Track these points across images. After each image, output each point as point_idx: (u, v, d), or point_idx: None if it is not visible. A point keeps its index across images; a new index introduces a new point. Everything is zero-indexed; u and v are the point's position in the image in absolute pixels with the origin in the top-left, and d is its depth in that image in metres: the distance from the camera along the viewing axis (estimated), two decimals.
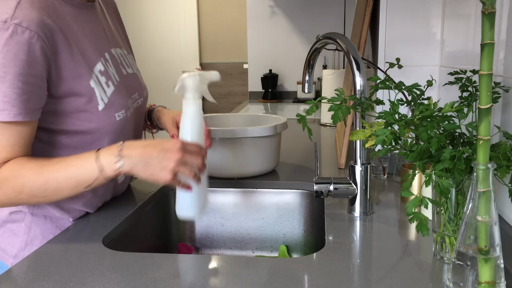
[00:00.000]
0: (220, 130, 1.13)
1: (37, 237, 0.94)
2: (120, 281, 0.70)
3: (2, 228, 0.96)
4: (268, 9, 3.24)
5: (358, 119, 0.93)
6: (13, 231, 0.95)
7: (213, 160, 1.16)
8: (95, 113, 0.88)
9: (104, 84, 0.91)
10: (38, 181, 0.79)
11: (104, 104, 0.89)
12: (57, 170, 0.80)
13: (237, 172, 1.20)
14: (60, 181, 0.79)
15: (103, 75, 0.91)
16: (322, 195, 0.95)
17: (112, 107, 0.91)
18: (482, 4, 0.54)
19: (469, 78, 0.85)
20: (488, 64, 0.55)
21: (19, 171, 0.79)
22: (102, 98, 0.89)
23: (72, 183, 0.80)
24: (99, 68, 0.91)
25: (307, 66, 1.08)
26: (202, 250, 1.22)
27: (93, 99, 0.88)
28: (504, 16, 0.87)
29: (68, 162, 0.81)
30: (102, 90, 0.90)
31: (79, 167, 0.80)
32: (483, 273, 0.58)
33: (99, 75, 0.90)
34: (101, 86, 0.90)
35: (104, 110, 0.89)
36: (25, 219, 0.94)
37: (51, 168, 0.79)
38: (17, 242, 0.95)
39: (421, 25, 1.28)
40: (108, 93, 0.91)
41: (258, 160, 1.20)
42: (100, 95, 0.89)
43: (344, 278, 0.70)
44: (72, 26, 0.88)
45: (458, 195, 0.70)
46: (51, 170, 0.79)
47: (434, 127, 0.69)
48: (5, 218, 0.95)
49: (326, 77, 1.98)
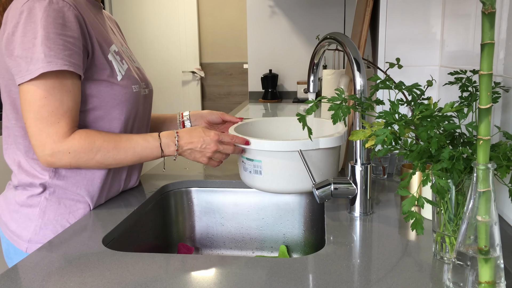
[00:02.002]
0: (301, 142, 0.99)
1: (51, 222, 0.98)
2: (120, 281, 0.70)
3: (18, 213, 1.00)
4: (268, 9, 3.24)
5: (358, 119, 0.93)
6: (28, 215, 0.99)
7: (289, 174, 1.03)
8: (116, 83, 0.99)
9: (119, 61, 1.02)
10: (110, 152, 0.95)
11: (121, 75, 1.00)
12: (127, 147, 0.96)
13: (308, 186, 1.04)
14: (128, 155, 0.97)
15: (117, 54, 1.02)
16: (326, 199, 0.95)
17: (128, 79, 1.02)
18: (482, 4, 0.54)
19: (469, 78, 0.85)
20: (488, 64, 0.55)
21: (94, 141, 0.93)
22: (120, 71, 1.00)
23: (136, 158, 0.98)
24: (114, 48, 1.02)
25: (312, 65, 1.08)
26: (202, 250, 1.22)
27: (113, 71, 0.99)
28: (504, 16, 0.87)
29: (136, 141, 0.98)
30: (119, 64, 1.01)
31: (146, 148, 0.98)
32: (483, 273, 0.58)
33: (114, 54, 1.01)
34: (117, 61, 1.01)
35: (122, 80, 1.00)
36: (40, 204, 0.98)
37: (121, 143, 0.96)
38: (31, 227, 0.98)
39: (421, 25, 1.28)
40: (124, 68, 1.02)
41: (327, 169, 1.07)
42: (118, 68, 1.00)
43: (344, 278, 0.70)
44: (89, 13, 1.00)
45: (458, 195, 0.70)
46: (121, 145, 0.96)
47: (434, 127, 0.69)
48: (21, 203, 0.99)
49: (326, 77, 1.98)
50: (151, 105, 1.18)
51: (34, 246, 0.97)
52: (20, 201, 0.99)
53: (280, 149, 0.99)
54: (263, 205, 1.18)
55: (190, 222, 1.22)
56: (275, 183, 1.04)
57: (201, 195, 1.21)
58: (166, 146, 1.00)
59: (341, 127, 1.11)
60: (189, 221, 1.22)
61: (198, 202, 1.21)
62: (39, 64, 0.85)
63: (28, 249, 0.98)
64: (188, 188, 1.22)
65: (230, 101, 4.34)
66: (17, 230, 0.99)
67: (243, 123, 1.21)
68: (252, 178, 1.06)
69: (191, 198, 1.21)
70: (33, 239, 0.98)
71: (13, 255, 1.01)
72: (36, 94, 0.87)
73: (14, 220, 1.00)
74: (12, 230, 1.00)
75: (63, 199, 0.99)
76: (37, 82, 0.87)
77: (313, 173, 1.00)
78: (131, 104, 1.02)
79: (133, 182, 1.15)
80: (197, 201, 1.21)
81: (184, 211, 1.22)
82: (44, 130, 0.89)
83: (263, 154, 1.02)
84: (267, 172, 1.03)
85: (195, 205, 1.21)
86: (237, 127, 1.16)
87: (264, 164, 1.02)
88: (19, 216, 0.99)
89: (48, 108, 0.88)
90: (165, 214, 1.19)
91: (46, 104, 0.88)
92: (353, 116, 0.94)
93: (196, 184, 1.21)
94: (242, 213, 1.19)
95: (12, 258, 1.01)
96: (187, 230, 1.22)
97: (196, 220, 1.22)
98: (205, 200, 1.21)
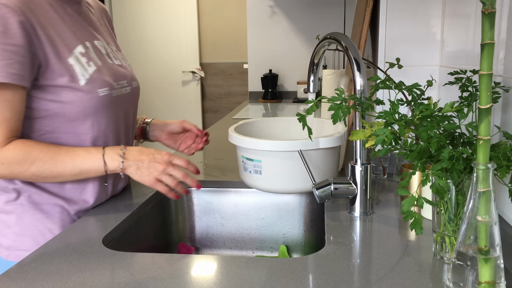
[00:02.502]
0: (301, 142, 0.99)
1: (28, 228, 0.96)
2: (120, 281, 0.70)
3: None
4: (268, 9, 3.24)
5: (358, 119, 0.93)
6: (6, 222, 0.97)
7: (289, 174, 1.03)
8: (78, 88, 0.93)
9: (85, 64, 0.96)
10: (46, 163, 0.89)
11: (85, 80, 0.94)
12: (65, 158, 0.90)
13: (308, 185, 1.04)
14: (66, 167, 0.90)
15: (83, 56, 0.96)
16: (326, 199, 0.95)
17: (94, 83, 0.96)
18: (482, 4, 0.54)
19: (469, 78, 0.85)
20: (488, 64, 0.55)
21: (29, 152, 0.88)
22: (83, 75, 0.94)
23: (76, 170, 0.91)
24: (79, 50, 0.96)
25: (312, 65, 1.08)
26: (202, 250, 1.22)
27: (74, 76, 0.93)
28: (504, 16, 0.87)
29: (77, 152, 0.92)
30: (83, 68, 0.95)
31: (86, 159, 0.92)
32: (483, 273, 0.58)
33: (79, 56, 0.96)
34: (81, 64, 0.95)
35: (86, 85, 0.94)
36: (16, 210, 0.96)
37: (59, 154, 0.90)
38: (9, 234, 0.97)
39: (421, 25, 1.28)
40: (89, 71, 0.96)
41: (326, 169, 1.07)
42: (80, 71, 0.94)
43: (344, 278, 0.70)
44: (51, 13, 0.94)
45: (458, 195, 0.70)
46: (59, 156, 0.90)
47: (434, 127, 0.69)
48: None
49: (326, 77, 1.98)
50: (136, 105, 1.14)
51: (14, 253, 0.96)
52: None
53: (280, 149, 0.99)
54: (263, 205, 1.18)
55: (190, 222, 1.22)
56: (275, 183, 1.04)
57: (201, 195, 1.21)
58: (110, 159, 0.93)
59: (341, 127, 1.11)
60: (189, 221, 1.22)
61: (198, 202, 1.21)
62: None
63: (8, 256, 0.96)
64: (188, 188, 1.22)
65: (230, 101, 4.34)
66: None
67: (243, 123, 1.21)
68: (252, 178, 1.06)
69: (191, 198, 1.21)
70: (12, 246, 0.96)
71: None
72: None
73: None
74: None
75: (39, 204, 0.97)
76: None
77: (313, 173, 1.00)
78: (100, 109, 0.96)
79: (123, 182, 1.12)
80: (197, 201, 1.21)
81: (184, 211, 1.22)
82: None
83: (263, 154, 1.02)
84: (267, 172, 1.03)
85: (195, 205, 1.21)
86: (237, 127, 1.16)
87: (264, 164, 1.02)
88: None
89: None
90: (165, 214, 1.19)
91: None
92: (353, 116, 0.94)
93: None
94: (242, 213, 1.19)
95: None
96: (187, 230, 1.22)
97: (196, 220, 1.22)
98: (205, 200, 1.21)
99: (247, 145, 1.03)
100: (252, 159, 1.04)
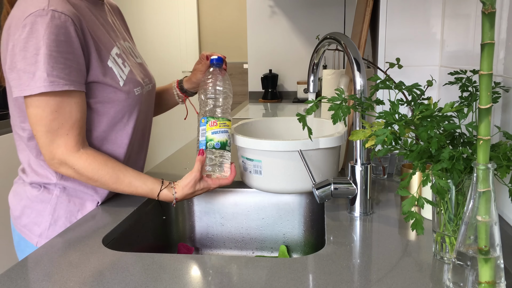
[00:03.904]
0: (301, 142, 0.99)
1: (61, 219, 1.03)
2: (120, 281, 0.70)
3: (30, 209, 1.03)
4: (268, 9, 3.24)
5: (358, 119, 0.93)
6: (40, 212, 1.03)
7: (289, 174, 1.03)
8: (119, 88, 1.01)
9: (121, 65, 1.03)
10: (110, 181, 0.97)
11: (123, 81, 1.02)
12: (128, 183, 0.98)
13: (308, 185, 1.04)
14: (124, 188, 0.99)
15: (119, 57, 1.03)
16: (326, 199, 0.95)
17: (130, 83, 1.03)
18: (482, 4, 0.54)
19: (469, 78, 0.85)
20: (488, 64, 0.55)
21: (99, 169, 0.96)
22: (121, 76, 1.02)
23: (133, 192, 1.00)
24: (115, 51, 1.03)
25: (312, 65, 1.08)
26: (202, 250, 1.22)
27: (114, 77, 1.00)
28: (504, 16, 0.87)
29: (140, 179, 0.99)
30: (120, 69, 1.02)
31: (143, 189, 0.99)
32: (483, 273, 0.58)
33: (116, 57, 1.03)
34: (118, 66, 1.02)
35: (124, 86, 1.02)
36: (51, 201, 1.03)
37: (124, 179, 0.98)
38: (42, 222, 1.03)
39: (421, 25, 1.28)
40: (125, 72, 1.03)
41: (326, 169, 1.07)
42: (118, 73, 1.01)
43: (344, 278, 0.70)
44: (91, 16, 1.00)
45: (458, 195, 0.70)
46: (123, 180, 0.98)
47: (434, 127, 0.69)
48: (33, 199, 1.03)
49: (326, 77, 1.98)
50: (154, 99, 1.21)
51: (44, 240, 1.01)
52: (32, 197, 1.03)
53: (280, 149, 0.99)
54: (263, 205, 1.18)
55: (190, 222, 1.22)
56: (275, 183, 1.04)
57: (201, 195, 1.21)
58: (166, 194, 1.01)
59: (341, 127, 1.11)
60: (189, 221, 1.22)
61: (198, 202, 1.21)
62: (41, 83, 0.87)
63: (38, 243, 1.02)
64: None
65: None
66: (29, 225, 1.03)
67: (243, 123, 1.21)
68: (252, 178, 1.06)
69: (191, 198, 1.21)
70: (44, 234, 1.02)
71: (24, 248, 1.05)
72: (46, 108, 0.90)
73: (26, 215, 1.04)
74: (24, 224, 1.04)
75: (73, 197, 1.03)
76: (45, 98, 0.90)
77: (313, 173, 1.00)
78: (136, 107, 1.05)
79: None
80: (197, 201, 1.21)
81: (184, 211, 1.22)
82: (55, 141, 0.93)
83: (263, 154, 1.02)
84: (267, 172, 1.03)
85: (195, 205, 1.21)
86: (237, 127, 1.16)
87: (264, 164, 1.02)
88: (31, 212, 1.03)
89: (58, 121, 0.91)
90: (165, 214, 1.19)
91: (56, 118, 0.91)
92: (353, 116, 0.94)
93: None
94: (242, 213, 1.19)
95: (23, 251, 1.05)
96: (187, 230, 1.22)
97: (196, 220, 1.22)
98: (205, 200, 1.21)
99: (247, 145, 1.03)
100: (252, 159, 1.04)
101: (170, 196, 1.00)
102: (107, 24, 1.07)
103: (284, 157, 1.00)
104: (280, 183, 1.03)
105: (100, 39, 0.99)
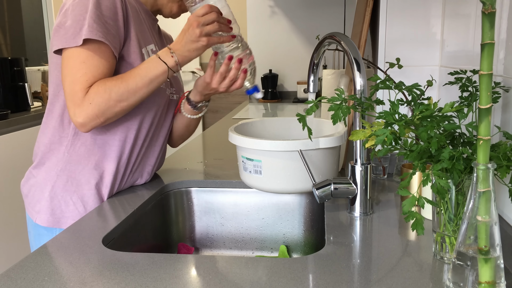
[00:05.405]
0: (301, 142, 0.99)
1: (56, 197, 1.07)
2: (120, 281, 0.70)
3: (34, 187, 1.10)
4: (268, 9, 3.24)
5: (358, 119, 0.93)
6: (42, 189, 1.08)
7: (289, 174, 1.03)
8: None
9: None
10: (121, 86, 0.98)
11: None
12: (133, 75, 0.99)
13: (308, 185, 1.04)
14: (137, 80, 0.99)
15: (153, 53, 1.09)
16: (326, 199, 0.95)
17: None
18: (482, 4, 0.54)
19: (469, 78, 0.85)
20: (488, 64, 0.55)
21: (105, 83, 0.98)
22: None
23: (146, 80, 0.99)
24: (151, 47, 1.10)
25: (312, 65, 1.08)
26: (202, 250, 1.22)
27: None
28: (504, 16, 0.87)
29: (139, 67, 1.01)
30: None
31: (148, 68, 1.00)
32: (483, 273, 0.58)
33: (150, 52, 1.09)
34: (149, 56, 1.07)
35: None
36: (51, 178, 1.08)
37: (128, 75, 1.00)
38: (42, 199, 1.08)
39: (421, 25, 1.28)
40: None
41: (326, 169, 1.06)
42: None
43: (344, 278, 0.70)
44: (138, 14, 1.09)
45: (458, 195, 0.70)
46: (128, 76, 0.99)
47: (434, 127, 0.69)
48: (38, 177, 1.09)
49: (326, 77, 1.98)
50: (173, 110, 1.22)
51: (42, 216, 1.08)
52: (37, 175, 1.10)
53: (280, 149, 0.99)
54: (263, 205, 1.18)
55: (190, 222, 1.22)
56: (275, 183, 1.04)
57: (201, 195, 1.21)
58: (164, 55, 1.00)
59: (341, 127, 1.11)
60: (189, 221, 1.22)
61: (198, 202, 1.21)
62: (83, 33, 0.95)
63: (37, 219, 1.08)
64: (188, 188, 1.22)
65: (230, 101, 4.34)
66: (32, 202, 1.10)
67: (243, 123, 1.21)
68: (252, 178, 1.06)
69: (191, 198, 1.21)
70: (42, 210, 1.08)
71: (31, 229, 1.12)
72: (78, 59, 0.97)
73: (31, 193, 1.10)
74: (28, 202, 1.11)
75: (71, 178, 1.07)
76: (79, 49, 0.97)
77: (313, 173, 1.00)
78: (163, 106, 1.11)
79: (146, 177, 1.18)
80: (197, 201, 1.21)
81: (184, 211, 1.22)
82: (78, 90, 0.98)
83: (263, 154, 1.02)
84: (267, 172, 1.03)
85: (195, 205, 1.21)
86: (237, 127, 1.16)
87: (264, 164, 1.02)
88: (35, 189, 1.09)
89: (82, 71, 0.97)
90: (165, 214, 1.19)
91: (83, 68, 0.97)
92: (353, 116, 0.94)
93: (196, 184, 1.22)
94: (242, 213, 1.19)
95: (30, 232, 1.12)
96: (187, 230, 1.22)
97: (196, 220, 1.22)
98: (205, 200, 1.21)
99: (247, 145, 1.03)
100: (252, 159, 1.04)
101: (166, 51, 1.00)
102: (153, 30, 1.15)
103: (284, 157, 1.00)
104: (280, 183, 1.03)
105: (140, 31, 1.06)
